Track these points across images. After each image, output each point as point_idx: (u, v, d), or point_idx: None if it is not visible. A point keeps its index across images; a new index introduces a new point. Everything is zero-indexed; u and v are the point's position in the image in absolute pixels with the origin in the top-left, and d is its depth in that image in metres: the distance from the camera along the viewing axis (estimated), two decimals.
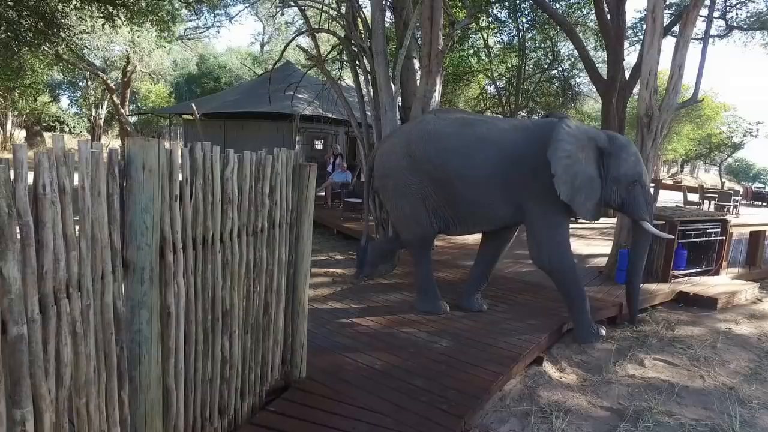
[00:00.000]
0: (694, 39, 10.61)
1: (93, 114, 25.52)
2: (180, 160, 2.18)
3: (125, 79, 22.56)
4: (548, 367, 4.27)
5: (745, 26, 14.80)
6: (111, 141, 27.26)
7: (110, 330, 1.89)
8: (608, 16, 11.69)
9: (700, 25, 9.21)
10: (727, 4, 14.04)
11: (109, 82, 21.54)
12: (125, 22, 13.28)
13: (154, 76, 25.63)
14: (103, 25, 13.22)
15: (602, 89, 12.36)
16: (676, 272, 6.54)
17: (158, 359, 2.10)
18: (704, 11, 7.37)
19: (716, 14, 14.27)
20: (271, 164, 2.85)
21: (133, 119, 25.96)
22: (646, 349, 4.78)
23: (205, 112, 13.68)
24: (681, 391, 3.97)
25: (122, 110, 22.10)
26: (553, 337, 4.60)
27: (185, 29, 22.61)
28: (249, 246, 2.76)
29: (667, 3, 12.98)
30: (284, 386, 3.31)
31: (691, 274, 6.69)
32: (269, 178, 2.85)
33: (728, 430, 3.38)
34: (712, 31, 14.82)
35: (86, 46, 17.75)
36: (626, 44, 13.45)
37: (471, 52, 15.85)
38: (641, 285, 5.99)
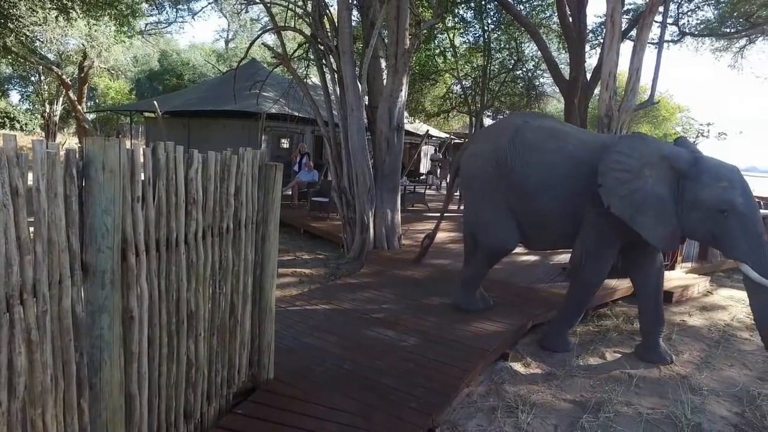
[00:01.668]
0: (651, 43, 11.02)
1: (47, 110, 24.45)
2: (142, 161, 2.13)
3: (82, 75, 21.70)
4: (514, 363, 4.37)
5: (696, 32, 15.45)
6: (67, 139, 26.19)
7: (69, 336, 1.83)
8: (570, 19, 11.99)
9: (655, 31, 9.57)
10: (680, 11, 14.61)
11: (64, 77, 20.67)
12: (81, 15, 12.78)
13: (113, 72, 24.76)
14: (56, 17, 12.69)
15: (564, 90, 12.67)
16: None
17: (120, 364, 2.04)
18: (659, 17, 7.65)
19: (670, 20, 14.88)
20: (237, 164, 2.81)
21: (91, 117, 25.01)
22: (607, 343, 4.95)
23: (167, 110, 13.33)
24: (639, 381, 4.13)
25: (79, 107, 21.27)
26: (519, 333, 4.70)
27: (146, 24, 21.93)
28: (214, 247, 2.72)
29: (626, 8, 13.40)
30: (252, 388, 3.27)
31: None
32: (234, 179, 2.81)
33: (681, 417, 3.54)
34: (667, 37, 15.48)
35: (38, 39, 16.97)
36: (587, 47, 13.83)
37: (437, 51, 15.98)
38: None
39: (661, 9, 6.97)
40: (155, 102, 12.25)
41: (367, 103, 7.68)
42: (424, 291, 5.59)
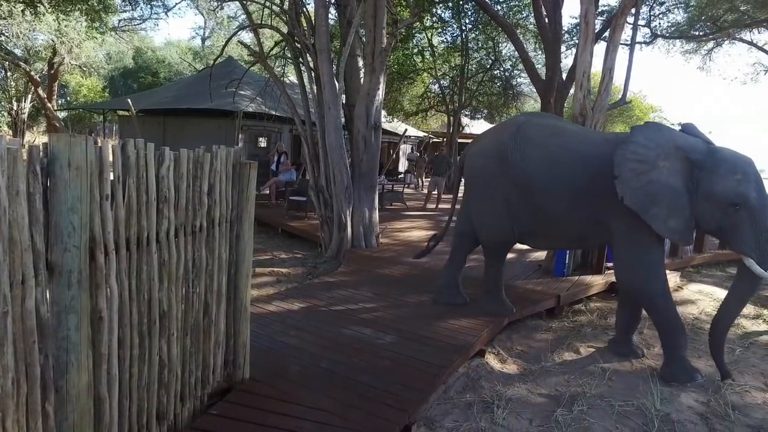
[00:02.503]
0: (623, 44, 11.25)
1: (15, 108, 23.71)
2: (111, 158, 2.08)
3: (52, 72, 21.09)
4: (491, 359, 4.41)
5: (667, 35, 15.83)
6: (37, 137, 25.47)
7: (32, 338, 1.78)
8: (546, 20, 12.15)
9: (628, 32, 9.75)
10: (652, 13, 14.95)
11: (32, 73, 20.06)
12: (50, 10, 12.41)
13: (85, 68, 24.11)
14: (23, 11, 12.31)
15: (541, 89, 12.83)
16: (609, 264, 6.90)
17: (88, 366, 2.00)
18: (631, 19, 7.82)
19: (642, 23, 15.24)
20: (210, 162, 2.77)
21: (62, 114, 24.37)
22: (581, 338, 5.03)
23: (142, 109, 13.08)
24: (612, 375, 4.21)
25: (49, 105, 20.67)
26: (495, 329, 4.74)
27: (119, 20, 21.45)
28: (187, 246, 2.68)
29: (600, 10, 13.65)
30: (227, 388, 3.23)
31: None
32: (208, 176, 2.78)
33: (650, 408, 3.63)
34: (639, 38, 15.83)
35: (3, 33, 16.44)
36: (563, 47, 14.04)
37: (415, 51, 16.04)
38: (579, 277, 6.34)
39: (633, 11, 7.13)
40: (129, 100, 12.01)
41: (344, 101, 7.67)
42: (401, 289, 5.61)
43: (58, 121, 21.05)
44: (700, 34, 15.89)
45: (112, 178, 2.11)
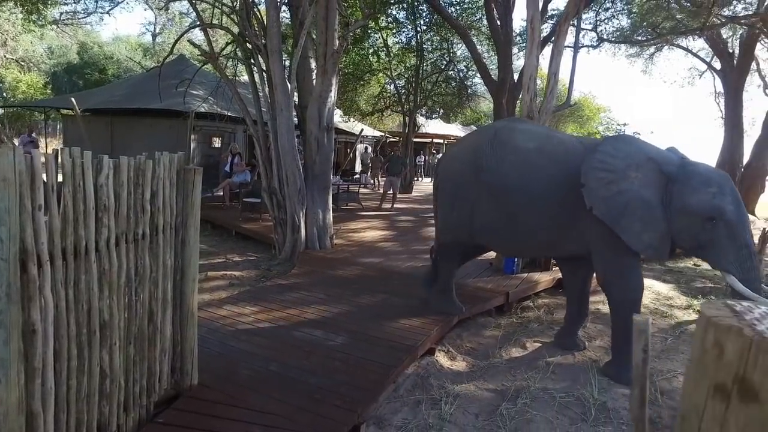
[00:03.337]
0: (570, 47, 11.68)
1: None
2: (42, 167, 2.04)
3: None
4: (440, 357, 4.53)
5: (612, 39, 16.55)
6: None
7: None
8: (498, 22, 12.46)
9: (570, 39, 10.14)
10: (598, 18, 15.58)
11: None
12: None
13: (23, 63, 22.87)
14: None
15: (493, 90, 13.16)
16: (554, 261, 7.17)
17: (19, 382, 1.95)
18: (582, 24, 8.18)
19: (589, 27, 15.88)
20: (152, 169, 2.74)
21: None
22: (528, 333, 5.23)
23: (88, 108, 12.55)
24: (555, 368, 4.41)
25: None
26: (445, 328, 4.87)
27: (61, 13, 20.46)
28: (129, 254, 2.65)
29: (550, 14, 14.11)
30: (175, 395, 3.21)
31: None
32: (150, 184, 2.75)
33: (589, 397, 3.84)
34: (587, 42, 16.50)
35: None
36: (515, 49, 14.45)
37: (371, 51, 16.10)
38: (528, 274, 6.55)
39: (585, 15, 7.44)
40: (72, 99, 11.51)
41: (297, 102, 7.65)
42: (354, 290, 5.66)
43: None
44: (642, 39, 16.70)
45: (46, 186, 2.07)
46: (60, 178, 2.14)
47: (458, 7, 15.40)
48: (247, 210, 9.78)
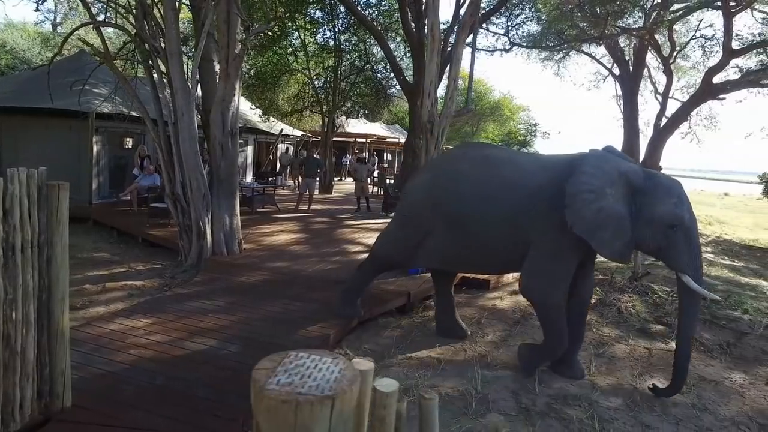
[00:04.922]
0: (486, 50, 12.12)
1: None
2: None
3: None
4: None
5: (524, 44, 17.48)
6: None
7: None
8: (412, 25, 12.75)
9: (490, 40, 10.61)
10: (509, 24, 16.40)
11: None
12: None
13: None
14: None
15: (408, 92, 13.48)
16: None
17: None
18: (494, 28, 8.58)
19: (501, 32, 16.69)
20: (4, 186, 2.63)
21: None
22: (425, 332, 5.46)
23: None
24: (446, 365, 4.65)
25: None
26: (343, 331, 4.98)
27: None
28: None
29: (460, 21, 14.63)
30: (44, 420, 3.08)
31: None
32: (2, 201, 2.63)
33: (472, 391, 4.10)
34: (499, 46, 17.32)
35: None
36: None
37: (289, 50, 15.95)
38: (424, 273, 6.79)
39: (495, 20, 7.81)
40: None
41: (200, 106, 7.47)
42: (255, 296, 5.65)
43: None
44: (551, 44, 17.76)
45: None
46: None
47: (374, 9, 15.60)
48: (155, 215, 9.38)
